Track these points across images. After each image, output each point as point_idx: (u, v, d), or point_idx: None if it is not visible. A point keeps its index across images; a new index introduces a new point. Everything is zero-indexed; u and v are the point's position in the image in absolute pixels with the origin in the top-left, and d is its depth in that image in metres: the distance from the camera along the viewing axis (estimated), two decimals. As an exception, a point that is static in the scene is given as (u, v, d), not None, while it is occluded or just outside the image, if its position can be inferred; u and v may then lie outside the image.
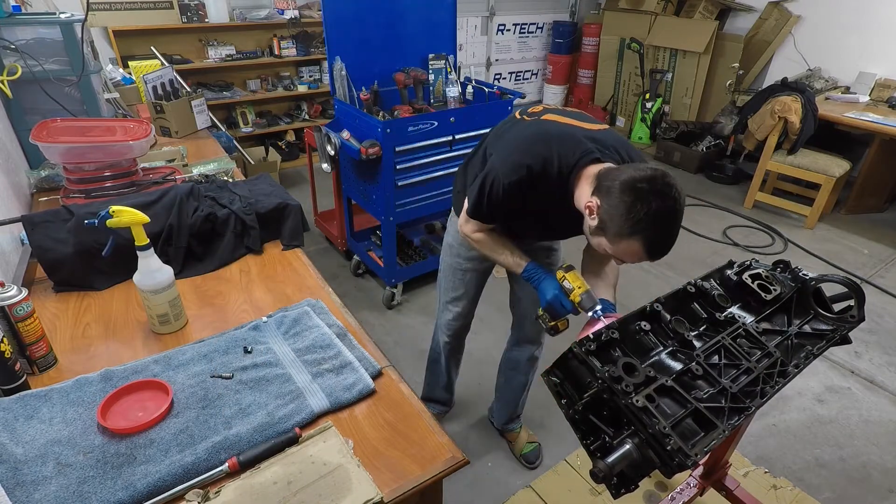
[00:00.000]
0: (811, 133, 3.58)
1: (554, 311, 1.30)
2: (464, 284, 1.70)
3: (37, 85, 1.79)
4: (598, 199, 1.09)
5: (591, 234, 1.15)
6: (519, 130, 1.30)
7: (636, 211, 1.02)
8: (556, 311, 1.30)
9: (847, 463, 2.01)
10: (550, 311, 1.31)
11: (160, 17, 3.59)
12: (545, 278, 1.31)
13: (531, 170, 1.19)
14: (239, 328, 1.17)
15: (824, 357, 2.51)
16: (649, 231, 1.04)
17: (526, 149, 1.22)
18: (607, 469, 0.81)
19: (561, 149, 1.19)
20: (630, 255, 1.10)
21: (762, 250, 3.48)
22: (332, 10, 2.51)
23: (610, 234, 1.08)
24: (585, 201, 1.13)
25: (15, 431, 0.88)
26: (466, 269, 1.67)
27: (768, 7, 4.51)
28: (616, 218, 1.05)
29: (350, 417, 0.98)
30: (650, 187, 1.01)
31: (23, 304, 0.99)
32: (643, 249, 1.06)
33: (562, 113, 1.31)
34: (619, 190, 1.04)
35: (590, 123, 1.27)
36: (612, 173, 1.10)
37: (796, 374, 1.00)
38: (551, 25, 5.81)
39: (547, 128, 1.25)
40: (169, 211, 1.42)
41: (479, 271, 1.68)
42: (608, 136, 1.25)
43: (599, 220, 1.10)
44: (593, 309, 1.22)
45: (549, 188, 1.21)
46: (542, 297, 1.31)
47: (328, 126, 2.63)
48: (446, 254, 1.70)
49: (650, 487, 1.83)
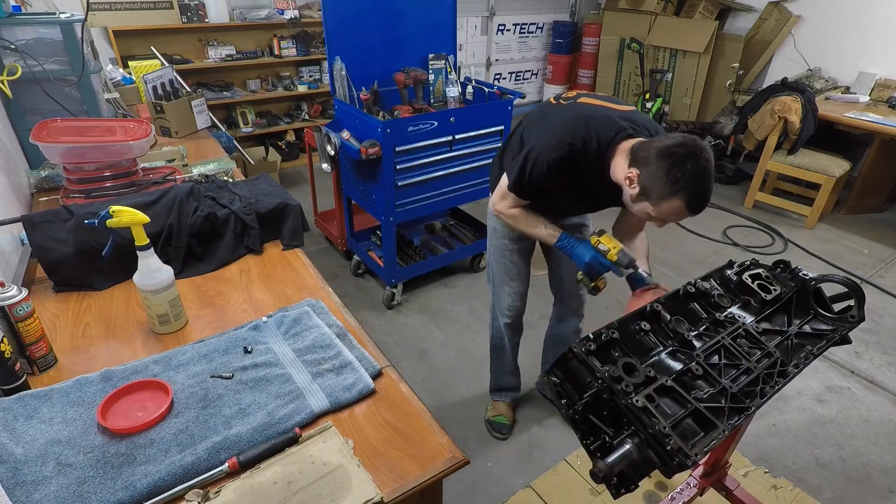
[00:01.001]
0: (811, 133, 3.58)
1: (593, 270, 1.43)
2: (514, 265, 1.79)
3: (37, 85, 1.79)
4: (637, 168, 1.23)
5: (633, 201, 1.28)
6: (557, 113, 1.43)
7: (674, 173, 1.16)
8: (595, 271, 1.43)
9: (847, 463, 2.01)
10: (590, 271, 1.43)
11: (160, 17, 3.59)
12: (579, 244, 1.45)
13: (573, 147, 1.32)
14: (239, 328, 1.17)
15: (824, 357, 2.50)
16: (688, 189, 1.17)
17: (566, 128, 1.35)
18: (607, 469, 0.81)
19: (598, 127, 1.32)
20: (673, 214, 1.24)
21: (762, 250, 3.48)
22: (332, 10, 2.51)
23: (653, 197, 1.22)
24: (625, 173, 1.26)
25: (15, 431, 0.88)
26: (513, 250, 1.76)
27: (768, 7, 4.51)
28: (657, 182, 1.19)
29: (350, 417, 0.98)
30: (684, 151, 1.16)
31: (23, 304, 0.99)
32: (685, 206, 1.20)
33: (594, 96, 1.45)
34: (655, 157, 1.19)
35: (620, 105, 1.41)
36: (646, 145, 1.24)
37: (796, 374, 1.00)
38: (551, 25, 5.82)
39: (584, 109, 1.39)
40: (169, 211, 1.42)
41: (524, 250, 1.78)
42: (637, 115, 1.40)
43: (641, 187, 1.23)
44: (631, 264, 1.36)
45: (588, 164, 1.34)
46: (579, 262, 1.45)
47: (328, 126, 2.63)
48: (493, 238, 1.79)
49: (650, 487, 1.83)
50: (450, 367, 2.41)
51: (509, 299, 1.84)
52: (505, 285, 1.83)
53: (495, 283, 1.85)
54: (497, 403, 2.14)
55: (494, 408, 2.14)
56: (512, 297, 1.84)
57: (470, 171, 2.71)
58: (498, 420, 2.10)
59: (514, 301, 1.84)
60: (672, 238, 3.56)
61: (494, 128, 2.67)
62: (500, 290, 1.85)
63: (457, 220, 3.37)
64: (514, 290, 1.83)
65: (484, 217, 3.23)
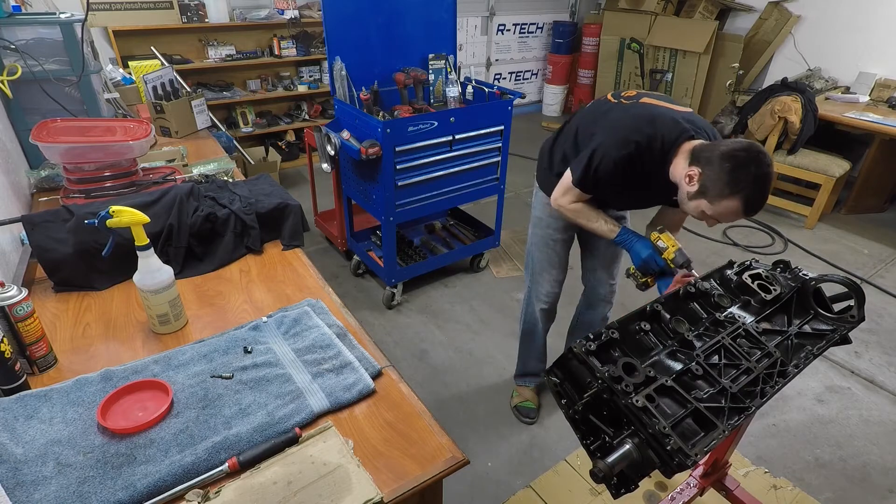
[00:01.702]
0: (811, 133, 3.58)
1: (647, 267, 1.48)
2: (557, 254, 1.86)
3: (37, 85, 1.79)
4: (699, 167, 1.29)
5: (690, 198, 1.33)
6: (622, 111, 1.48)
7: (737, 174, 1.22)
8: (648, 268, 1.48)
9: (847, 463, 2.01)
10: (644, 267, 1.49)
11: (160, 17, 3.59)
12: (638, 240, 1.51)
13: (639, 145, 1.38)
14: (239, 328, 1.17)
15: (824, 357, 2.51)
16: (748, 191, 1.23)
17: (634, 127, 1.40)
18: (607, 469, 0.81)
19: (664, 128, 1.37)
20: (729, 214, 1.29)
21: (762, 250, 3.48)
22: (332, 10, 2.51)
23: (711, 195, 1.27)
24: (685, 171, 1.32)
25: (15, 431, 0.88)
26: (557, 240, 1.83)
27: (768, 7, 4.51)
28: (718, 182, 1.24)
29: (350, 417, 0.98)
30: (747, 155, 1.22)
31: (23, 304, 0.99)
32: (742, 207, 1.25)
33: (655, 96, 1.50)
34: (719, 159, 1.24)
35: (679, 106, 1.46)
36: (709, 146, 1.30)
37: (796, 374, 1.00)
38: (551, 25, 5.82)
39: (649, 109, 1.44)
40: (169, 211, 1.42)
41: (568, 241, 1.86)
42: (696, 117, 1.44)
43: (700, 185, 1.29)
44: (686, 264, 1.41)
45: (652, 162, 1.40)
46: (636, 257, 1.50)
47: (328, 126, 2.63)
48: (537, 227, 1.86)
49: (650, 487, 1.83)
50: (450, 367, 2.41)
51: (548, 286, 1.92)
52: (545, 272, 1.90)
53: (535, 270, 1.93)
54: (522, 389, 2.19)
55: (520, 394, 2.19)
56: (551, 284, 1.91)
57: (470, 171, 2.71)
58: (525, 405, 2.15)
59: (552, 288, 1.92)
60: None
61: (494, 128, 2.66)
62: (539, 278, 1.92)
63: (457, 220, 3.37)
64: (553, 277, 1.90)
65: (484, 217, 3.25)
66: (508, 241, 3.38)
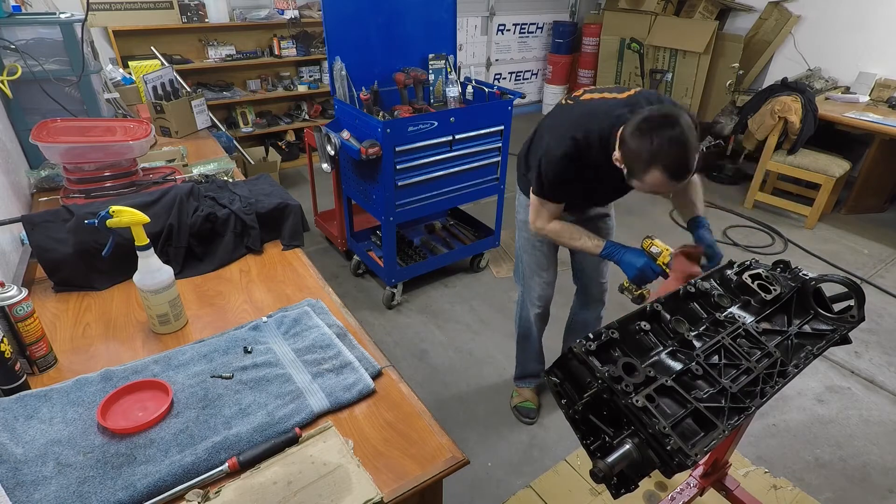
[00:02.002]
0: (811, 133, 3.58)
1: (644, 276, 1.43)
2: (544, 256, 1.85)
3: (37, 85, 1.79)
4: (619, 150, 1.28)
5: (627, 180, 1.31)
6: (565, 113, 1.51)
7: (646, 144, 1.18)
8: (646, 277, 1.43)
9: (847, 463, 2.01)
10: (641, 278, 1.43)
11: (160, 17, 3.59)
12: (627, 251, 1.47)
13: (576, 140, 1.39)
14: (239, 328, 1.18)
15: (824, 357, 2.50)
16: (663, 157, 1.17)
17: (570, 125, 1.42)
18: (607, 469, 0.81)
19: (598, 120, 1.38)
20: (658, 186, 1.24)
21: (762, 250, 3.48)
22: (332, 10, 2.51)
23: (635, 174, 1.25)
24: (615, 156, 1.31)
25: (15, 431, 0.88)
26: (543, 241, 1.82)
27: (768, 7, 4.51)
28: (634, 158, 1.22)
29: (350, 417, 0.98)
30: (650, 124, 1.19)
31: (23, 304, 0.99)
32: (664, 175, 1.20)
33: (597, 90, 1.50)
34: (628, 136, 1.23)
35: (623, 92, 1.45)
36: (625, 126, 1.27)
37: (796, 374, 1.00)
38: (551, 25, 5.81)
39: (585, 105, 1.46)
40: (169, 211, 1.42)
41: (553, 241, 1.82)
42: (640, 96, 1.41)
43: (625, 166, 1.27)
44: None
45: (596, 155, 1.40)
46: (629, 268, 1.45)
47: (328, 126, 2.63)
48: (521, 230, 1.85)
49: (650, 487, 1.83)
50: (450, 367, 2.41)
51: (539, 290, 1.91)
52: (535, 276, 1.89)
53: (525, 274, 1.92)
54: (522, 390, 2.20)
55: (520, 394, 2.20)
56: (542, 288, 1.90)
57: (470, 171, 2.71)
58: (525, 405, 2.16)
59: (544, 291, 1.91)
60: (672, 238, 3.55)
61: (494, 128, 2.66)
62: (530, 282, 1.91)
63: (457, 220, 3.37)
64: (544, 280, 1.89)
65: (484, 217, 3.25)
66: (508, 241, 3.38)
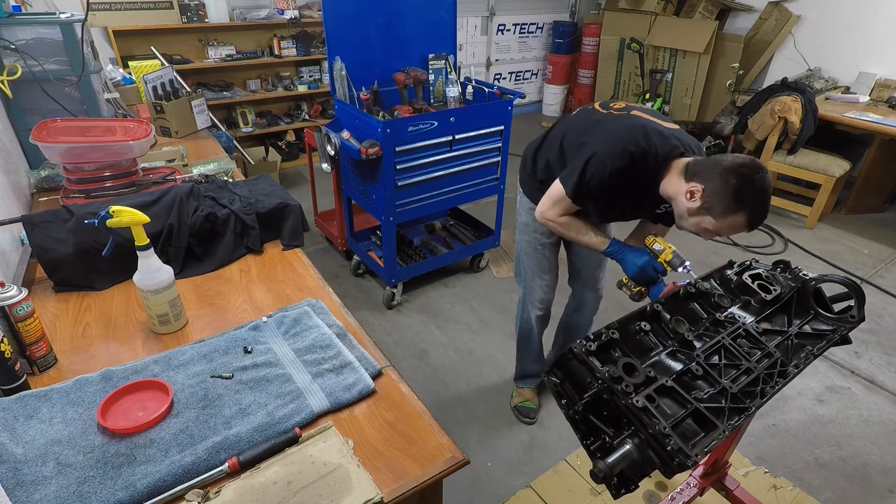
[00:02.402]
0: (811, 133, 3.58)
1: (645, 275, 1.44)
2: (546, 259, 1.84)
3: (37, 85, 1.79)
4: (701, 184, 1.28)
5: (691, 214, 1.32)
6: (615, 122, 1.45)
7: (742, 190, 1.22)
8: (647, 276, 1.44)
9: (847, 463, 2.01)
10: (641, 276, 1.45)
11: (160, 17, 3.59)
12: (629, 250, 1.49)
13: (634, 157, 1.36)
14: (239, 328, 1.17)
15: (824, 357, 2.50)
16: (752, 206, 1.25)
17: (629, 138, 1.37)
18: (607, 469, 0.81)
19: (658, 141, 1.36)
20: (733, 228, 1.30)
21: (762, 250, 3.48)
22: (332, 10, 2.51)
23: (716, 212, 1.27)
24: (686, 188, 1.31)
25: (15, 431, 0.88)
26: (546, 244, 1.82)
27: (768, 7, 4.51)
28: (724, 198, 1.24)
29: (350, 417, 0.98)
30: (749, 171, 1.22)
31: (23, 304, 0.99)
32: (746, 221, 1.27)
33: (643, 111, 1.49)
34: (723, 174, 1.24)
35: (667, 122, 1.45)
36: (708, 162, 1.30)
37: (796, 374, 1.00)
38: (551, 25, 5.81)
39: (641, 122, 1.41)
40: (169, 211, 1.42)
41: (556, 244, 1.85)
42: (682, 134, 1.44)
43: (703, 201, 1.28)
44: (683, 265, 1.39)
45: (644, 175, 1.38)
46: (630, 266, 1.47)
47: (328, 126, 2.63)
48: (524, 233, 1.84)
49: (650, 487, 1.83)
50: (450, 367, 2.41)
51: (541, 292, 1.91)
52: (537, 278, 1.88)
53: (527, 277, 1.91)
54: (522, 390, 2.20)
55: (520, 394, 2.20)
56: (544, 290, 1.90)
57: (470, 171, 2.71)
58: (525, 405, 2.16)
59: (546, 294, 1.91)
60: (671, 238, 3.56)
61: (494, 128, 2.66)
62: (531, 284, 1.91)
63: (457, 220, 3.37)
64: (545, 282, 1.89)
65: (484, 217, 3.25)
66: (508, 241, 3.38)
